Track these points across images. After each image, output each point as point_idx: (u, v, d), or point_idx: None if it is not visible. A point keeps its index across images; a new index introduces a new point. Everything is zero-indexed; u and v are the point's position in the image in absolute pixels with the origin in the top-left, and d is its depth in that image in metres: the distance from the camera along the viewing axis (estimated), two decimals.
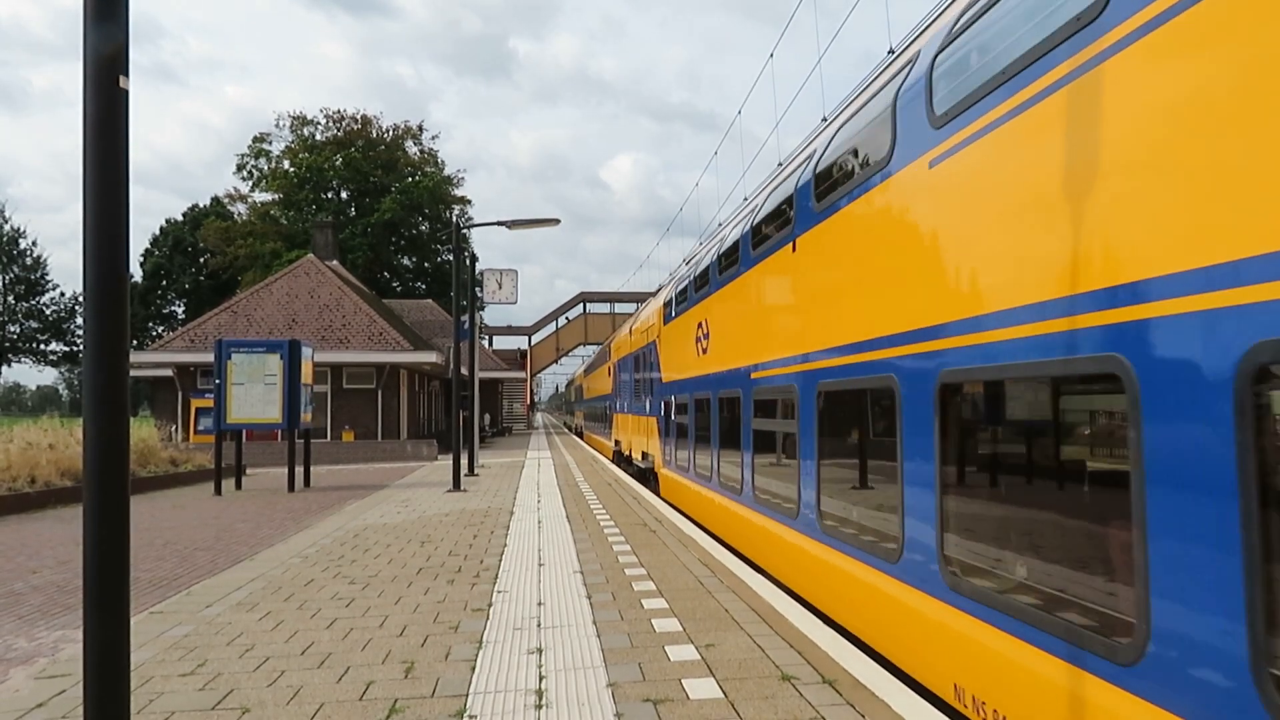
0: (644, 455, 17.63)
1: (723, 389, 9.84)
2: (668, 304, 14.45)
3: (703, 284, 11.21)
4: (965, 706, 4.20)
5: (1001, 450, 4.51)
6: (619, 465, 22.62)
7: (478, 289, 25.00)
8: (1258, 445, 2.56)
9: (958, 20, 4.73)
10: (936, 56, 4.82)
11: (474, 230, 61.26)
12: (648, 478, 17.10)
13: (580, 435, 45.78)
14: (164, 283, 67.58)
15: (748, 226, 8.91)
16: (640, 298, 44.63)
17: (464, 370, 21.73)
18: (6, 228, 70.89)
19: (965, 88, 4.42)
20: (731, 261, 9.60)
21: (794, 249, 7.16)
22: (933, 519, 4.58)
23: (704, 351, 11.05)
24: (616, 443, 24.41)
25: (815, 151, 7.09)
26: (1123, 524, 3.15)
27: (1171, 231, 2.93)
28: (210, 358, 18.33)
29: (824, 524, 6.42)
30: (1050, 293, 3.58)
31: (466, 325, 18.94)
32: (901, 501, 4.96)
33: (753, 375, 8.51)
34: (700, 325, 11.31)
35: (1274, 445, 2.57)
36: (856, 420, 6.26)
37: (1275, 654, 2.51)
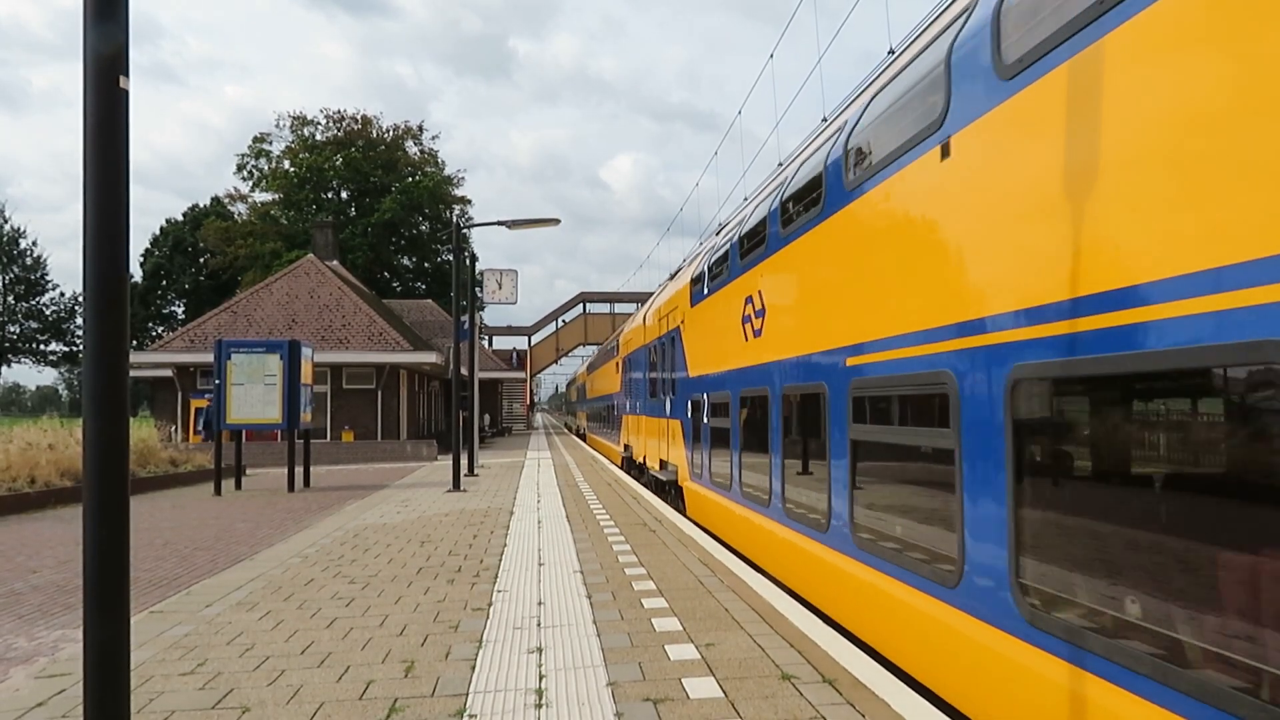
0: (663, 464, 14.75)
1: (792, 382, 7.20)
2: (697, 281, 11.56)
3: (754, 246, 8.50)
4: None
5: None
6: (630, 473, 19.90)
7: (478, 289, 25.02)
8: None
9: None
10: None
11: (474, 230, 61.31)
12: (666, 490, 14.43)
13: (583, 438, 42.80)
14: (164, 283, 67.58)
15: (839, 150, 6.22)
16: (640, 298, 44.40)
17: (464, 370, 21.73)
18: (6, 228, 70.93)
19: None
20: (810, 201, 6.81)
21: (945, 154, 4.54)
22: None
23: (755, 334, 8.35)
24: (626, 448, 21.40)
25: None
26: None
27: None
28: (210, 358, 18.33)
29: (1030, 607, 3.72)
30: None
31: (466, 325, 18.94)
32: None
33: (850, 362, 5.82)
34: (750, 301, 8.57)
35: None
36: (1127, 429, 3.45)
37: None
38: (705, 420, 10.81)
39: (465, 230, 48.89)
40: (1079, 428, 3.71)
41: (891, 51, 7.08)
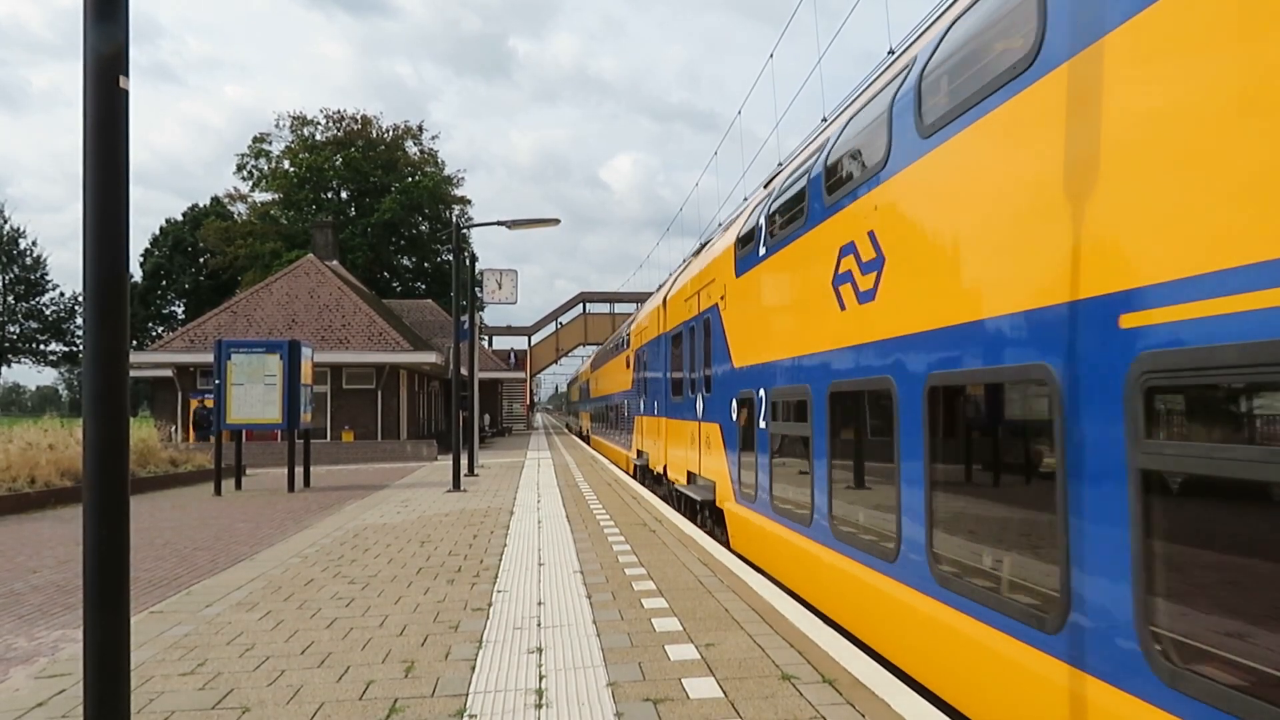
0: (691, 478, 12.03)
1: (941, 369, 4.61)
2: (746, 241, 8.78)
3: (859, 168, 5.93)
4: None
5: None
6: (644, 483, 17.30)
7: (477, 289, 25.02)
8: None
9: None
10: None
11: (474, 230, 61.30)
12: (697, 510, 11.59)
13: (587, 440, 39.65)
14: (164, 283, 67.60)
15: None
16: (640, 298, 44.11)
17: (464, 370, 21.73)
18: (6, 228, 70.97)
19: None
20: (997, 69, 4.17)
21: None
22: None
23: (864, 297, 5.62)
24: (639, 454, 18.75)
25: None
26: None
27: None
28: (210, 358, 18.34)
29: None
30: None
31: (466, 325, 18.94)
32: None
33: (1133, 322, 3.12)
34: (851, 251, 5.80)
35: None
36: None
37: None
38: (763, 424, 8.02)
39: (465, 230, 48.89)
40: None
41: (891, 51, 7.04)
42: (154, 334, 64.01)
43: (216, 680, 4.72)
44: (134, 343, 52.04)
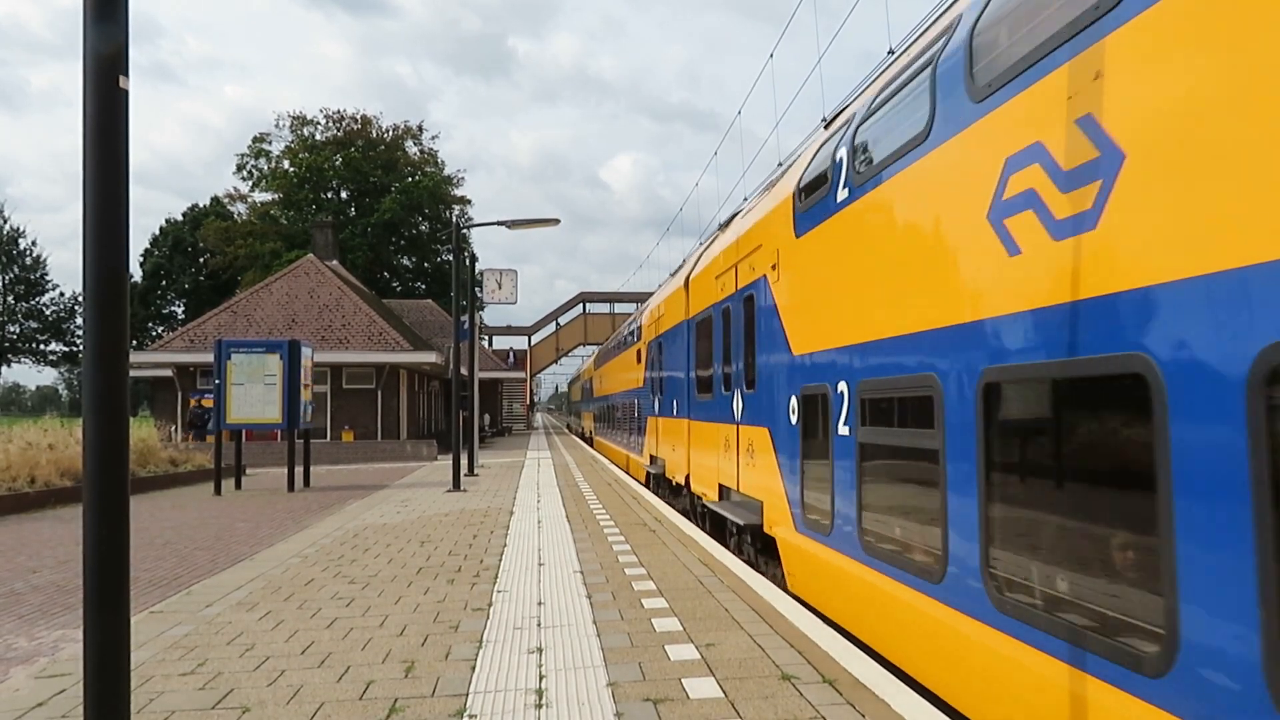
0: (725, 492, 9.91)
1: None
2: (812, 189, 6.78)
3: (1049, 39, 3.69)
4: None
5: None
6: (658, 492, 15.60)
7: (477, 289, 25.02)
8: None
9: None
10: None
11: (474, 230, 61.31)
12: (737, 537, 9.21)
13: (590, 442, 37.13)
14: (164, 283, 67.62)
15: None
16: (640, 297, 43.90)
17: (464, 370, 21.73)
18: (6, 228, 70.97)
19: None
20: None
21: None
22: None
23: (1070, 229, 3.48)
24: (653, 459, 16.58)
25: None
26: None
27: None
28: (210, 358, 18.34)
29: None
30: None
31: (466, 325, 18.94)
32: None
33: None
34: (1042, 159, 3.71)
35: None
36: None
37: None
38: (845, 430, 5.89)
39: (465, 230, 48.91)
40: None
41: (891, 52, 7.01)
42: (154, 334, 64.03)
43: (216, 680, 4.72)
44: (134, 343, 52.06)
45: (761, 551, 8.38)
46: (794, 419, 7.15)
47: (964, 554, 4.25)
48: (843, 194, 6.05)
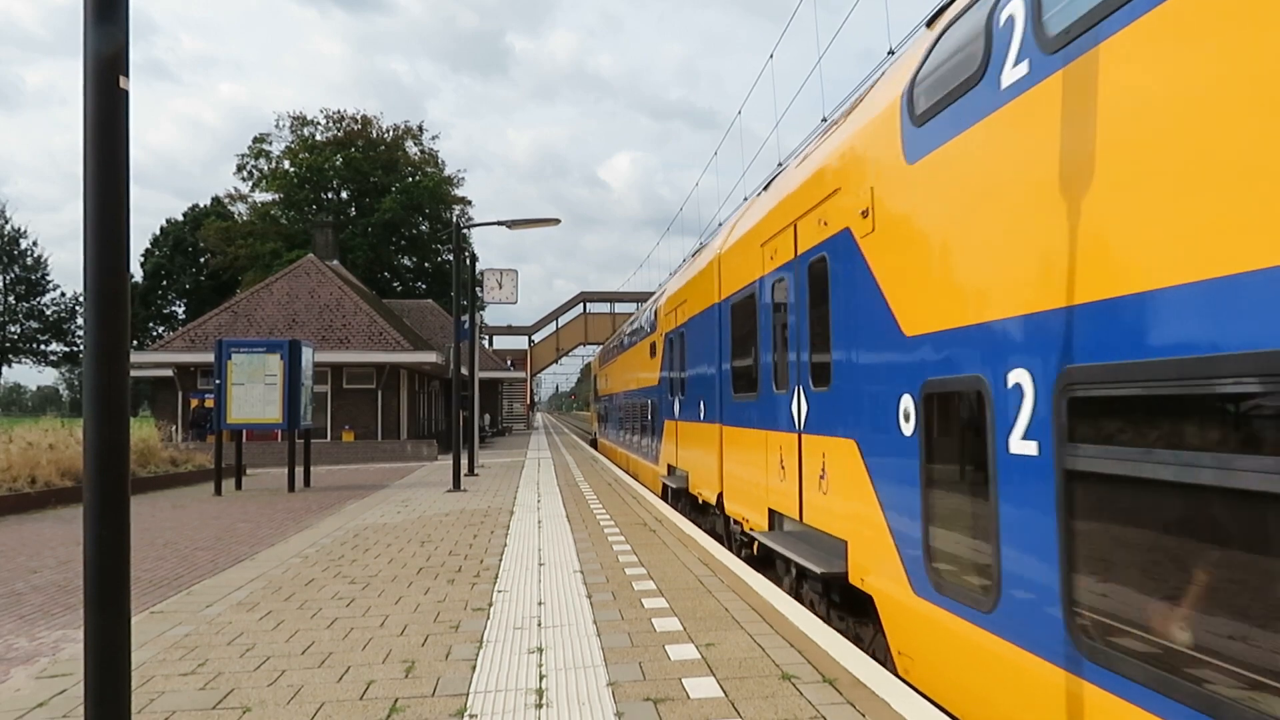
0: (776, 519, 7.83)
1: None
2: (968, 68, 4.25)
3: None
4: None
5: None
6: (676, 506, 13.25)
7: (478, 289, 25.02)
8: None
9: None
10: None
11: (473, 230, 61.35)
12: (812, 589, 6.84)
13: (594, 445, 34.83)
14: (164, 283, 67.63)
15: None
16: (641, 297, 43.79)
17: (464, 370, 21.74)
18: (7, 228, 71.01)
19: None
20: None
21: None
22: None
23: None
24: (671, 470, 14.23)
25: None
26: None
27: None
28: (210, 358, 18.35)
29: None
30: None
31: (466, 325, 18.95)
32: None
33: None
34: None
35: None
36: None
37: None
38: (1024, 447, 3.66)
39: (465, 230, 48.89)
40: None
41: (891, 52, 7.01)
42: (154, 334, 64.04)
43: (217, 680, 4.72)
44: (134, 343, 52.04)
45: (839, 605, 6.23)
46: (909, 428, 4.90)
47: None
48: (1016, 71, 3.85)
